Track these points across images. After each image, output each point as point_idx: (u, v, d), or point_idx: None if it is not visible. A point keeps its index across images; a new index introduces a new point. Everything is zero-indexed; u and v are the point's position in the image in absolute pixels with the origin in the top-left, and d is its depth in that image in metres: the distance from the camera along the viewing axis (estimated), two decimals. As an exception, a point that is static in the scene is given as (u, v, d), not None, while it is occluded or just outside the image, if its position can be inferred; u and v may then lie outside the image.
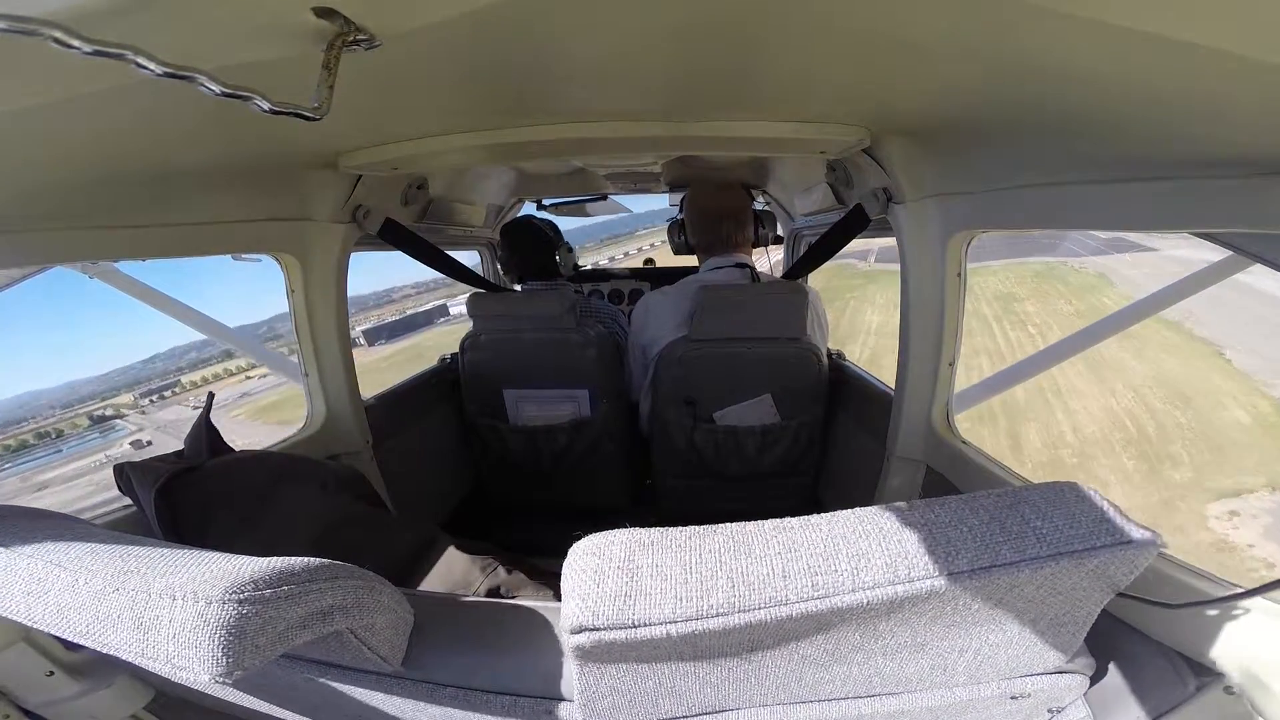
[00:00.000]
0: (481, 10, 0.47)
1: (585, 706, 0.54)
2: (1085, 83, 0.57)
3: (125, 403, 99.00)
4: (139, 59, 0.33)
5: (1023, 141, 0.86)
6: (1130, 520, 0.46)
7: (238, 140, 0.87)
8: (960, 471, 1.24)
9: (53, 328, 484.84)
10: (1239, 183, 0.61)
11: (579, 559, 0.48)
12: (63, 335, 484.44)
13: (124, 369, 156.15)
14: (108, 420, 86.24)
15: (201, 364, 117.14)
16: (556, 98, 0.89)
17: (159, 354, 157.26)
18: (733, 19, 0.54)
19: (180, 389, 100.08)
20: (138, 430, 71.64)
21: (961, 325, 1.25)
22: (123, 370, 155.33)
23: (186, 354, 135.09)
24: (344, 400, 1.56)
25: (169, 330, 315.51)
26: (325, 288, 1.45)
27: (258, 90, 0.41)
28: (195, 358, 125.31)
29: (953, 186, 1.11)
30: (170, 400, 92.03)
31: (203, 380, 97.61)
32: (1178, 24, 0.38)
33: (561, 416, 1.92)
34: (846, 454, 1.89)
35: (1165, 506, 14.11)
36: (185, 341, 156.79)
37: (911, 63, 0.64)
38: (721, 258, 1.76)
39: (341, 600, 0.55)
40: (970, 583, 0.44)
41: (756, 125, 1.03)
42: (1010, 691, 0.58)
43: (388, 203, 1.61)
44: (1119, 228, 0.79)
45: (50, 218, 0.91)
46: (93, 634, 0.50)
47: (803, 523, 0.50)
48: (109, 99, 0.53)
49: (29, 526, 0.60)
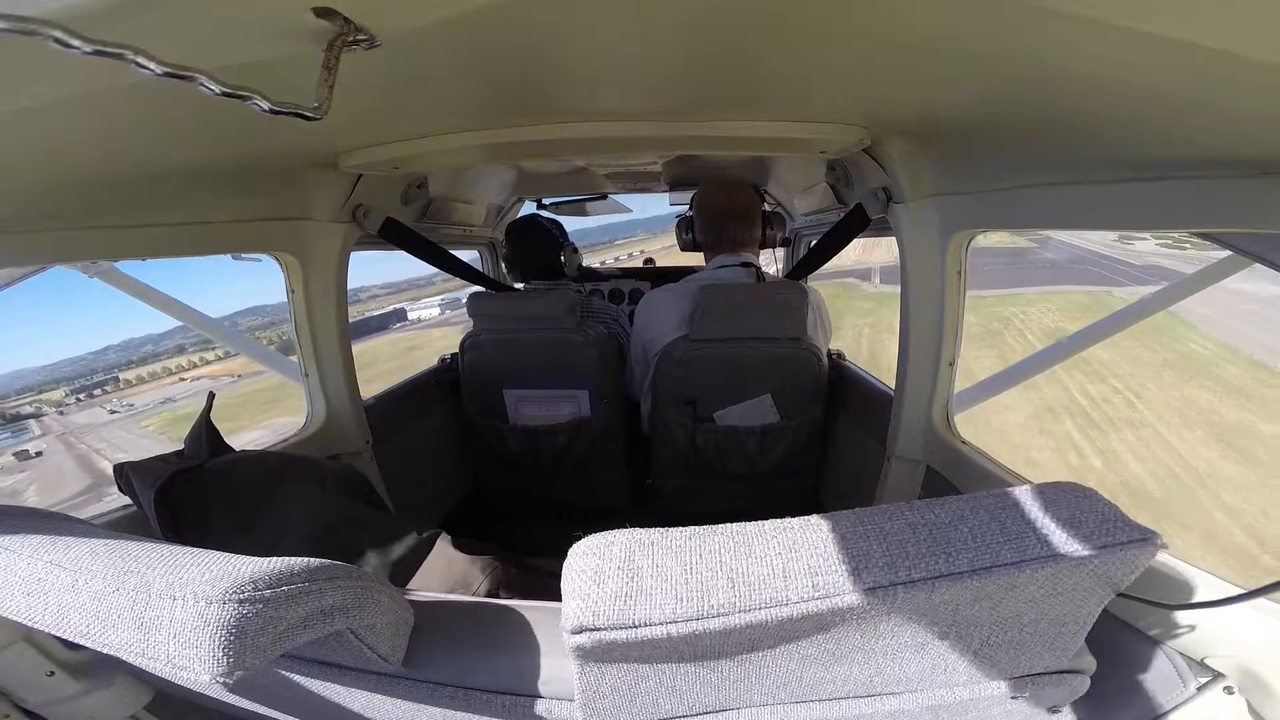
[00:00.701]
0: (482, 10, 0.47)
1: (585, 706, 0.54)
2: (1085, 83, 0.57)
3: (54, 399, 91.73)
4: (139, 59, 0.33)
5: (1022, 141, 0.86)
6: (1131, 521, 0.46)
7: (238, 140, 0.87)
8: (960, 471, 1.24)
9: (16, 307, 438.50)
10: (1239, 183, 0.61)
11: (579, 559, 0.48)
12: (26, 315, 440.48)
13: (74, 359, 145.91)
14: (22, 420, 78.60)
15: (154, 359, 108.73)
16: (557, 97, 0.89)
17: (113, 345, 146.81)
18: (733, 19, 0.54)
19: (116, 387, 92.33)
20: (40, 435, 64.20)
21: (961, 325, 1.25)
22: (73, 360, 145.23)
23: (142, 346, 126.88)
24: (344, 400, 1.56)
25: (141, 319, 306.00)
26: (325, 287, 1.46)
27: (258, 90, 0.40)
28: (150, 351, 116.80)
29: (953, 186, 1.11)
30: (96, 400, 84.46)
31: (137, 379, 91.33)
32: (1178, 24, 0.38)
33: (562, 416, 1.92)
34: (846, 454, 1.89)
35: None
36: (142, 334, 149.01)
37: (911, 63, 0.64)
38: (728, 256, 1.76)
39: (341, 600, 0.55)
40: (970, 583, 0.44)
41: (757, 125, 1.03)
42: (1010, 691, 0.58)
43: (388, 202, 1.61)
44: (1119, 227, 0.79)
45: (50, 218, 0.91)
46: (93, 634, 0.50)
47: (803, 523, 0.50)
48: (109, 99, 0.53)
49: (29, 526, 0.60)
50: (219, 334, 1.92)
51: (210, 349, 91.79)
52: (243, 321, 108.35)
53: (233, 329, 1.96)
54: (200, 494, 0.88)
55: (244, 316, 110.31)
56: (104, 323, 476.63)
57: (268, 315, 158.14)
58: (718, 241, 1.78)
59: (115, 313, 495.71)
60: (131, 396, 72.93)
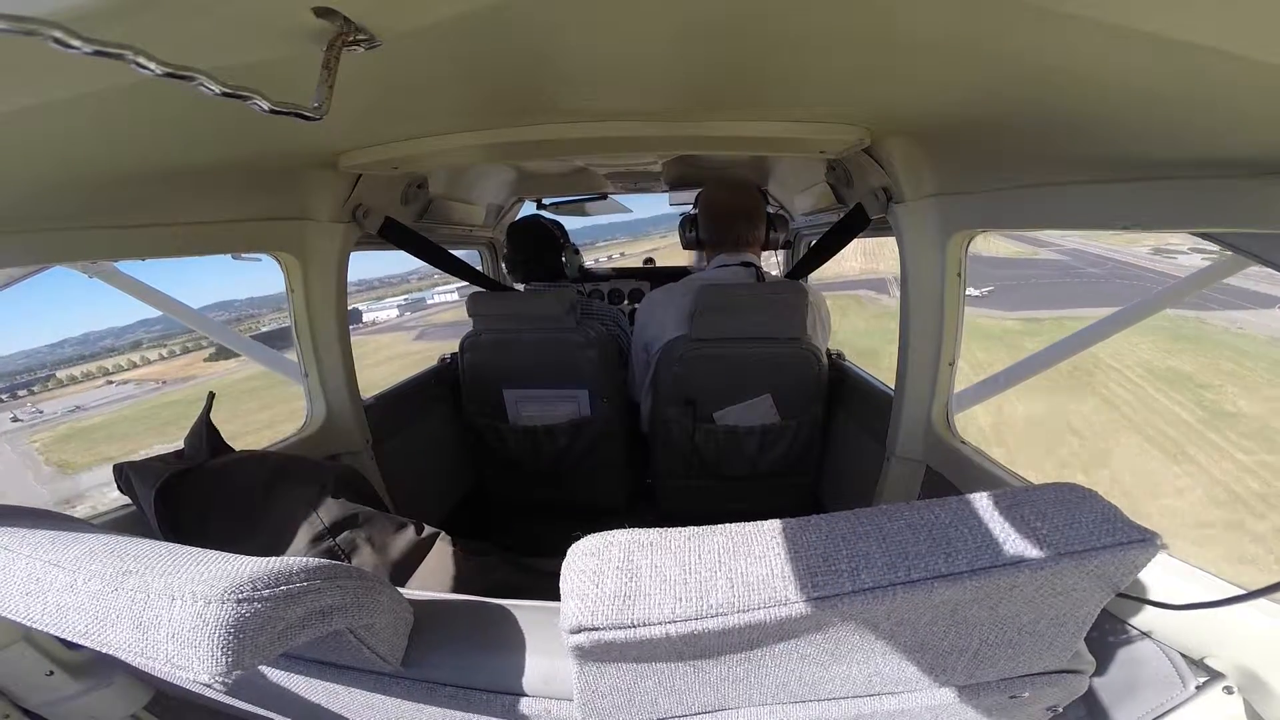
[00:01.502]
0: (482, 10, 0.47)
1: (584, 706, 0.54)
2: (1085, 83, 0.57)
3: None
4: (139, 59, 0.33)
5: (1023, 141, 0.86)
6: (1131, 521, 0.46)
7: (238, 140, 0.87)
8: (960, 471, 1.24)
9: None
10: (1239, 183, 0.61)
11: (578, 559, 0.48)
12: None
13: (29, 351, 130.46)
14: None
15: (105, 354, 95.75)
16: (556, 97, 0.89)
17: (70, 338, 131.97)
18: (733, 19, 0.54)
19: (45, 388, 79.47)
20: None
21: (961, 325, 1.25)
22: (27, 353, 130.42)
23: (102, 340, 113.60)
24: (344, 400, 1.56)
25: (117, 309, 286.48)
26: (325, 287, 1.46)
27: (258, 90, 0.41)
28: (109, 345, 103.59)
29: (953, 186, 1.11)
30: (11, 404, 73.09)
31: (69, 378, 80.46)
32: (1178, 24, 0.38)
33: (561, 416, 1.92)
34: (846, 454, 1.89)
35: None
36: (102, 327, 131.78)
37: (911, 63, 0.64)
38: (729, 255, 1.76)
39: (341, 600, 0.55)
40: (970, 583, 0.44)
41: (757, 125, 1.03)
42: (1010, 691, 0.58)
43: (387, 202, 1.61)
44: (1119, 227, 0.79)
45: (50, 218, 0.91)
46: (92, 634, 0.50)
47: (803, 523, 0.50)
48: (109, 99, 0.53)
49: (28, 526, 0.60)
50: (218, 332, 1.92)
51: (163, 345, 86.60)
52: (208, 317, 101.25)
53: (231, 328, 1.95)
54: (200, 494, 0.88)
55: (209, 312, 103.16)
56: (66, 320, 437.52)
57: (235, 310, 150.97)
58: (720, 240, 1.78)
59: (84, 309, 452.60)
60: (52, 400, 66.21)
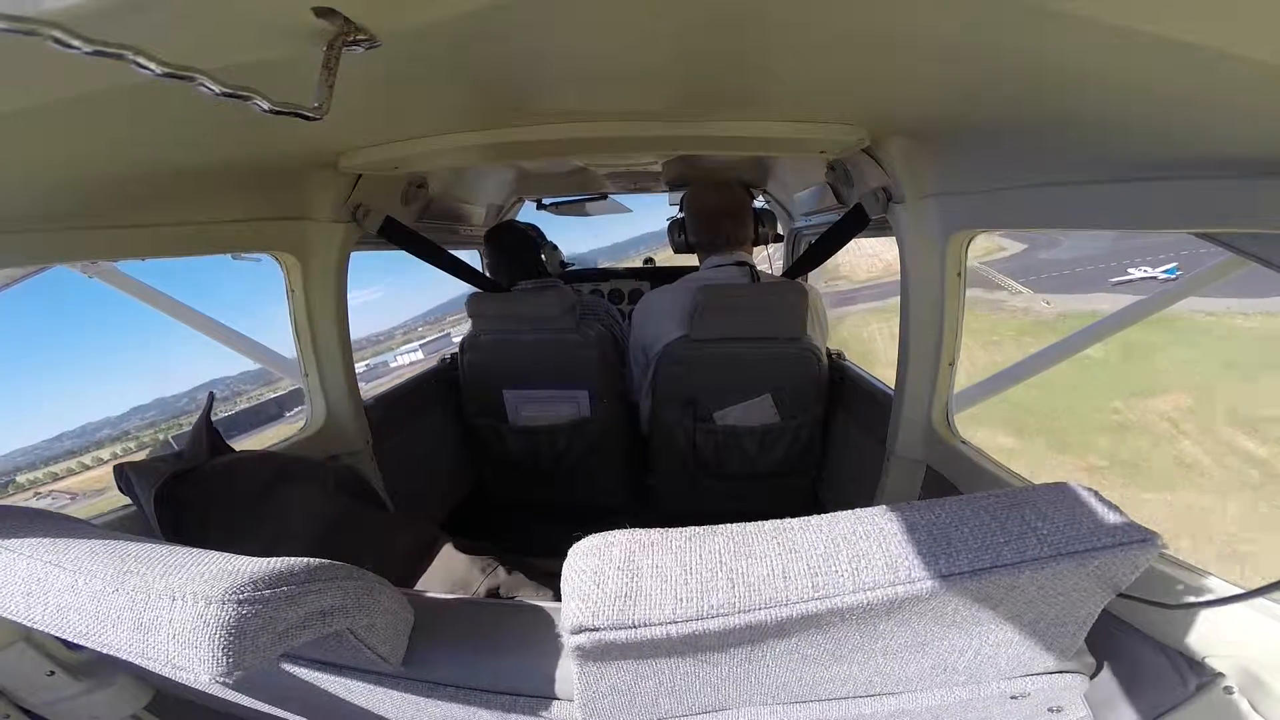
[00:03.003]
0: (481, 10, 0.47)
1: (585, 706, 0.54)
2: (1085, 83, 0.57)
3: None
4: (139, 59, 0.33)
5: (1023, 141, 0.86)
6: (1131, 521, 0.46)
7: (238, 140, 0.87)
8: (960, 471, 1.24)
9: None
10: (1239, 183, 0.61)
11: (579, 559, 0.48)
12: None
13: (31, 448, 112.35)
14: None
15: (84, 450, 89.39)
16: (557, 97, 0.89)
17: (68, 432, 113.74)
18: (733, 19, 0.54)
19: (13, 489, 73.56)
20: None
21: (961, 325, 1.25)
22: (30, 449, 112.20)
23: (99, 430, 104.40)
24: (344, 400, 1.56)
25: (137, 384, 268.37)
26: (325, 287, 1.46)
27: (258, 90, 0.41)
28: (106, 435, 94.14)
29: (953, 186, 1.11)
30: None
31: (35, 479, 75.44)
32: (1178, 24, 0.38)
33: (561, 417, 1.92)
34: (846, 454, 1.89)
35: None
36: (100, 417, 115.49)
37: (911, 63, 0.64)
38: (721, 256, 1.76)
39: (341, 601, 0.55)
40: (970, 583, 0.44)
41: (757, 125, 1.03)
42: (1010, 691, 0.58)
43: (387, 202, 1.61)
44: (1119, 227, 0.79)
45: (50, 218, 0.91)
46: (93, 634, 0.50)
47: (803, 523, 0.50)
48: (109, 99, 0.53)
49: (29, 527, 0.60)
50: (221, 334, 1.91)
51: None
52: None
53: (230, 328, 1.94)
54: (200, 494, 0.88)
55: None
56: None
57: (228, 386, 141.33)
58: (710, 242, 1.78)
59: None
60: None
